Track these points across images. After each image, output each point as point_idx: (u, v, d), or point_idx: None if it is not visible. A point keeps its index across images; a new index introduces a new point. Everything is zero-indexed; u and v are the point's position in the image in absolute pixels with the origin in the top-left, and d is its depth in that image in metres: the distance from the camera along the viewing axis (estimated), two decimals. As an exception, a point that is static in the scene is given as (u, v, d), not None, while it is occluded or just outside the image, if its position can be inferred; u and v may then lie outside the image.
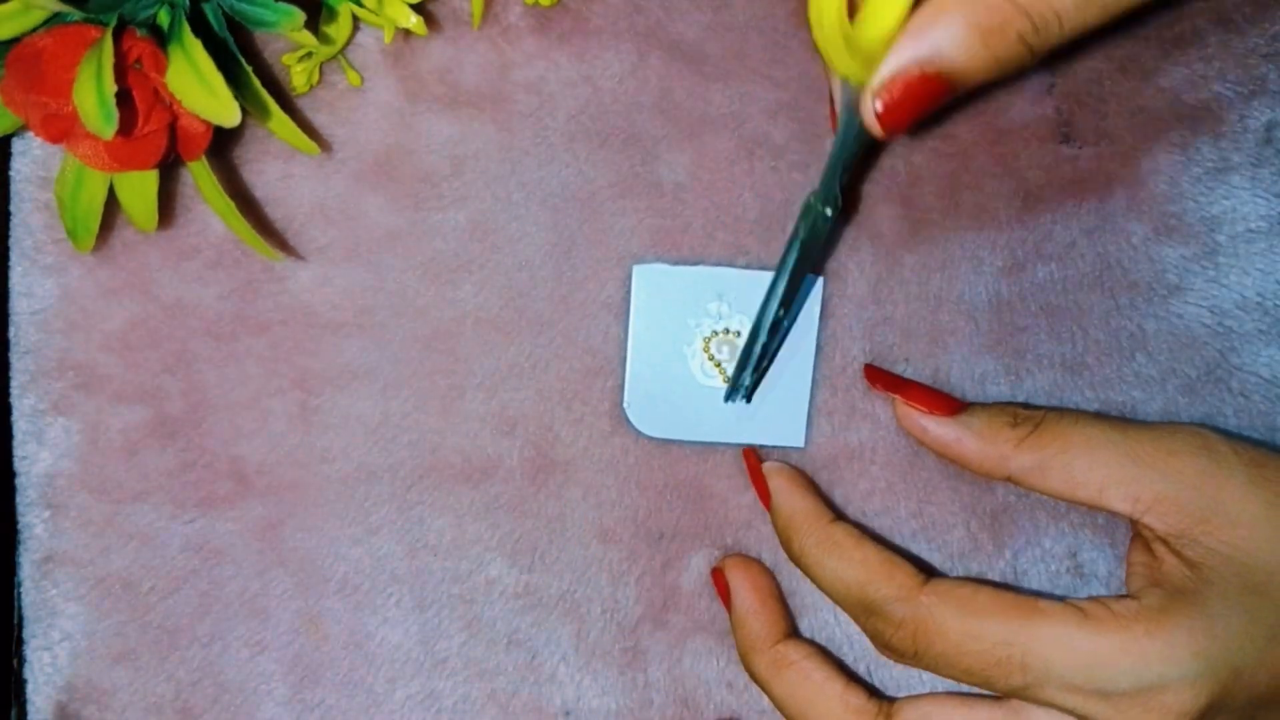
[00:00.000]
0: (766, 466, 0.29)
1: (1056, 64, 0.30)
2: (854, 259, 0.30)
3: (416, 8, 0.28)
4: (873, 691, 0.27)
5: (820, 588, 0.27)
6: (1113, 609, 0.25)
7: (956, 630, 0.25)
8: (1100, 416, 0.27)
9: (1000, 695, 0.25)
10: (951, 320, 0.30)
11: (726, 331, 0.29)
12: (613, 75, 0.30)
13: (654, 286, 0.29)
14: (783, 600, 0.29)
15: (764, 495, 0.29)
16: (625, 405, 0.30)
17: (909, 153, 0.30)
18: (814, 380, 0.30)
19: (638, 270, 0.29)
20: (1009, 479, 0.27)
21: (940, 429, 0.27)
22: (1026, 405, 0.28)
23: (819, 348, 0.30)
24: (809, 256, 0.27)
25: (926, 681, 0.30)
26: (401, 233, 0.30)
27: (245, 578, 0.30)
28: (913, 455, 0.30)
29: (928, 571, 0.27)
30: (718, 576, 0.29)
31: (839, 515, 0.28)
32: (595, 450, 0.30)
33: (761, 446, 0.30)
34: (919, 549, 0.30)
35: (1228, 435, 0.26)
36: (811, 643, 0.29)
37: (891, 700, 0.27)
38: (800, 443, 0.30)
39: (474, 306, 0.30)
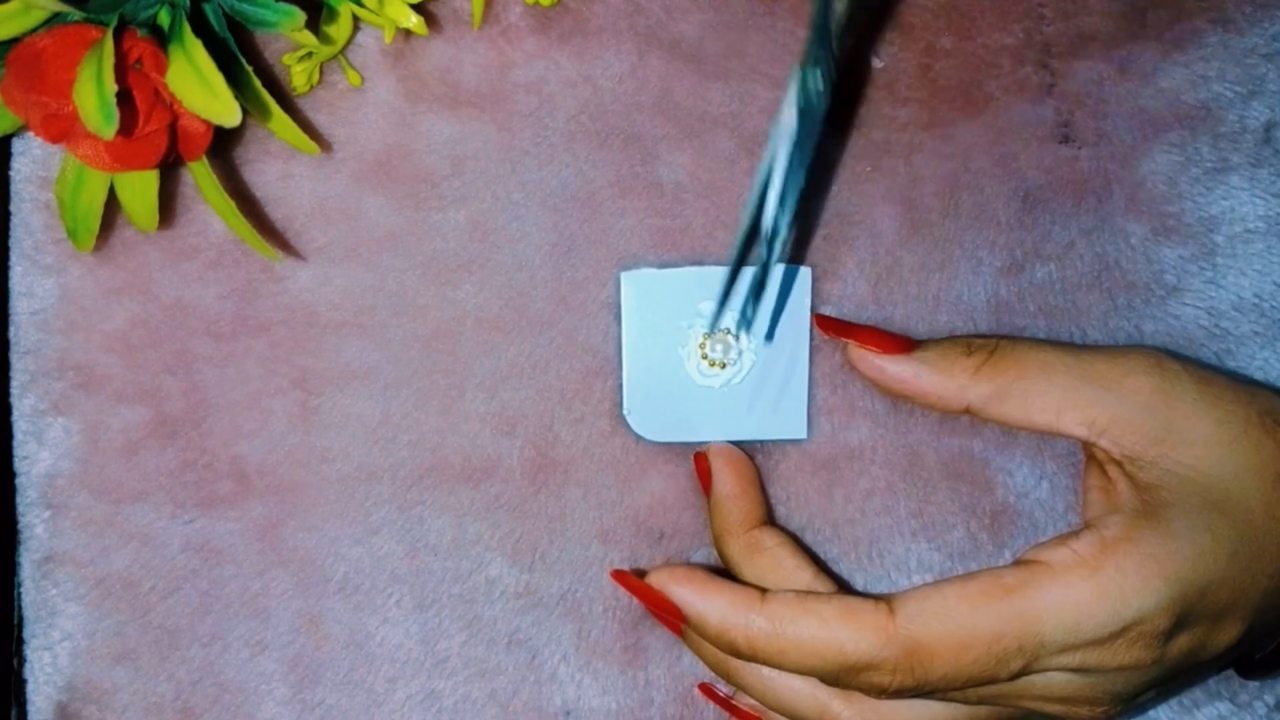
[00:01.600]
0: (653, 579, 0.27)
1: (1056, 64, 0.30)
2: (853, 258, 0.30)
3: (417, 8, 0.28)
4: (843, 586, 0.27)
5: (789, 670, 0.25)
6: (1077, 551, 0.24)
7: (950, 647, 0.24)
8: (1054, 342, 0.27)
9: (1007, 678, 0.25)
10: (950, 320, 0.30)
11: (721, 330, 0.29)
12: (613, 75, 0.30)
13: (644, 291, 0.29)
14: (762, 489, 0.29)
15: (668, 615, 0.27)
16: (625, 412, 0.30)
17: (909, 153, 0.30)
18: (811, 372, 0.30)
19: (625, 277, 0.29)
20: (968, 410, 0.27)
21: (896, 366, 0.27)
22: (980, 336, 0.28)
23: (814, 343, 0.30)
24: (805, 144, 0.24)
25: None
26: (401, 233, 0.30)
27: (245, 578, 0.30)
28: (913, 455, 0.30)
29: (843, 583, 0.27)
30: (700, 461, 0.29)
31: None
32: (595, 450, 0.30)
33: (765, 441, 0.30)
34: (919, 549, 0.30)
35: (1179, 355, 0.26)
36: (785, 531, 0.28)
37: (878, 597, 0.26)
38: (803, 434, 0.30)
39: (474, 306, 0.30)
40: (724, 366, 0.29)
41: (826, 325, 0.29)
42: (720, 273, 0.29)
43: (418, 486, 0.30)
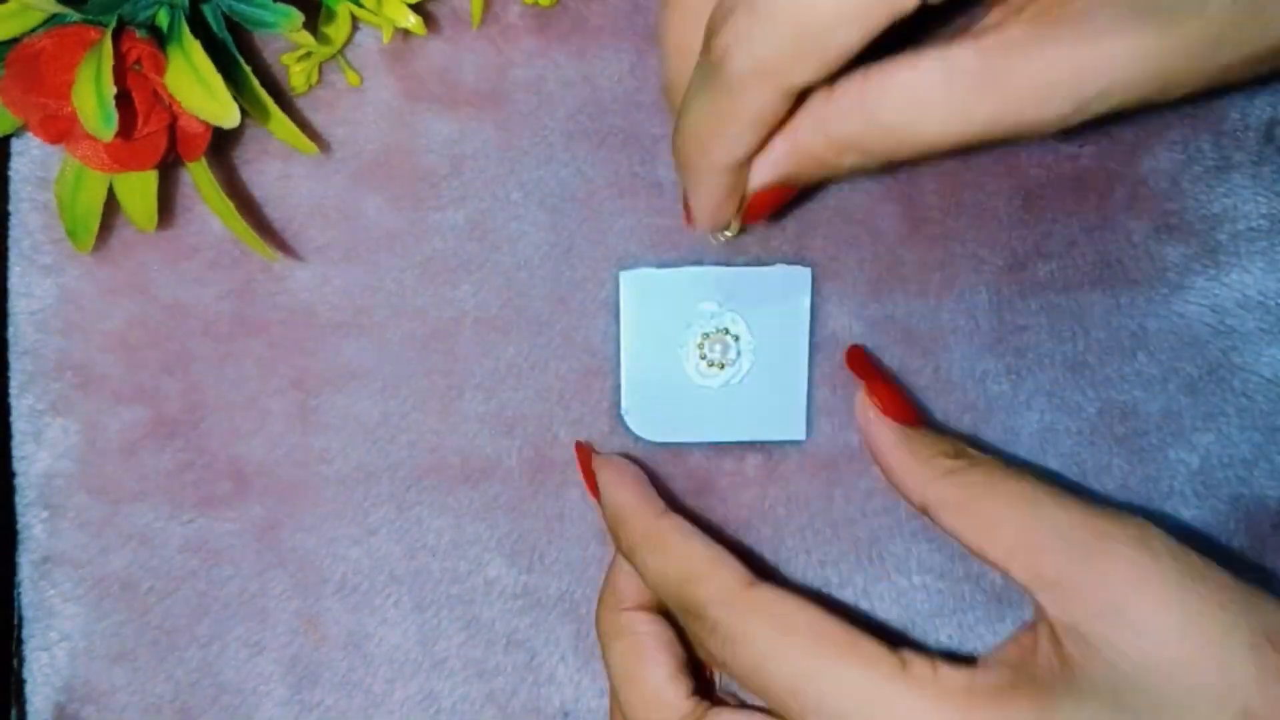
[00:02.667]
0: (596, 460, 0.28)
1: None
2: (854, 256, 0.30)
3: (415, 7, 0.28)
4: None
5: (647, 585, 0.26)
6: (939, 674, 0.22)
7: (762, 647, 0.23)
8: (1044, 480, 0.24)
9: None
10: (952, 319, 0.30)
11: (719, 331, 0.29)
12: (612, 75, 0.30)
13: (642, 291, 0.29)
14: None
15: (592, 488, 0.28)
16: (623, 412, 0.30)
17: (909, 151, 0.30)
18: (811, 372, 0.30)
19: (624, 276, 0.29)
20: (924, 507, 0.24)
21: (882, 429, 0.26)
22: (976, 445, 0.26)
23: (814, 342, 0.30)
24: None
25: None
26: (400, 232, 0.30)
27: (244, 578, 0.30)
28: (913, 455, 0.30)
29: (767, 574, 0.26)
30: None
31: (676, 508, 0.27)
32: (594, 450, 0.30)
33: (764, 442, 0.30)
34: (919, 549, 0.30)
35: (1172, 538, 0.22)
36: (666, 621, 0.26)
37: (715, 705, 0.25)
38: (801, 435, 0.30)
39: (473, 306, 0.30)
40: (722, 367, 0.29)
41: (854, 359, 0.28)
42: (720, 273, 0.29)
43: (416, 487, 0.30)
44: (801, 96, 0.22)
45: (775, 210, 0.25)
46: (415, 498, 0.30)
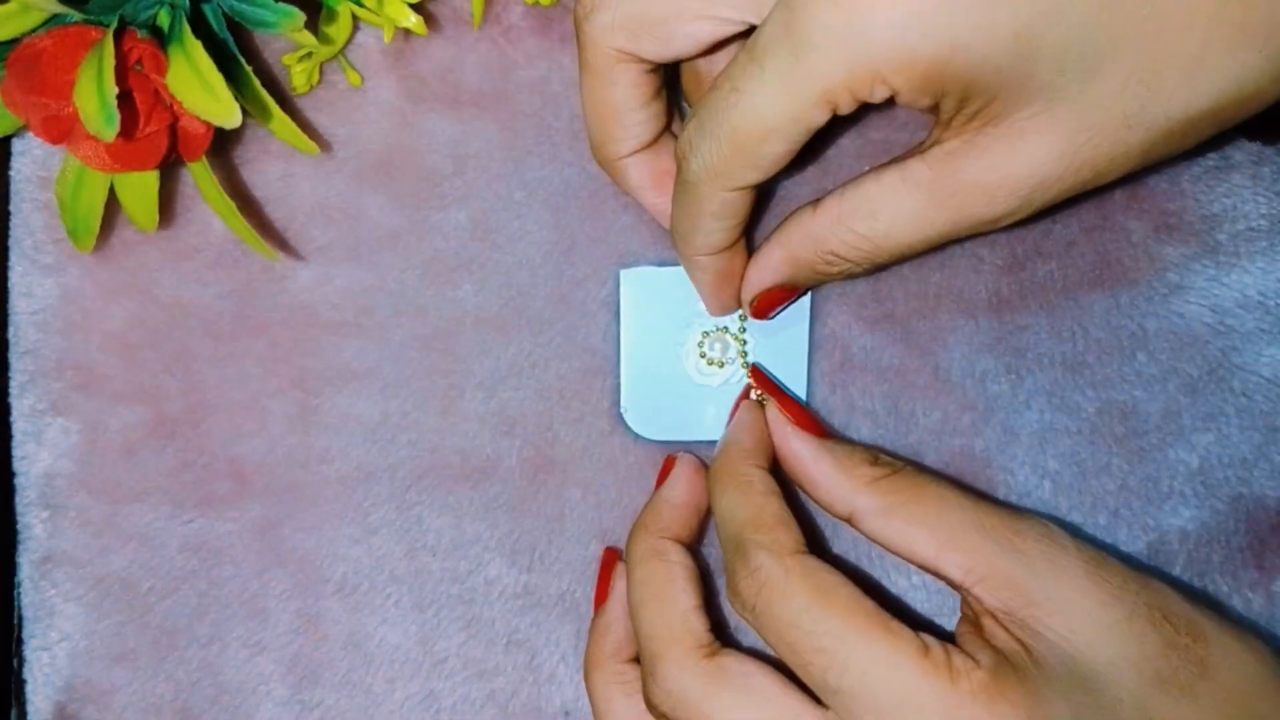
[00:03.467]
0: (753, 396, 0.29)
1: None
2: (854, 258, 0.30)
3: (416, 7, 0.28)
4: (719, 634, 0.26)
5: (716, 518, 0.27)
6: (953, 660, 0.23)
7: (799, 604, 0.24)
8: (958, 484, 0.26)
9: (808, 683, 0.24)
10: (951, 319, 0.30)
11: (719, 329, 0.29)
12: (612, 75, 0.30)
13: (643, 290, 0.29)
14: (703, 518, 0.28)
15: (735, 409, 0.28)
16: (622, 410, 0.30)
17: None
18: (810, 370, 0.30)
19: (624, 275, 0.29)
20: (849, 517, 0.26)
21: (802, 443, 0.27)
22: (889, 453, 0.27)
23: (814, 340, 0.30)
24: None
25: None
26: (401, 232, 0.30)
27: (244, 578, 0.30)
28: (913, 455, 0.30)
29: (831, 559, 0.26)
30: (667, 464, 0.29)
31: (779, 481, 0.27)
32: (594, 450, 0.30)
33: None
34: (920, 549, 0.30)
35: (1070, 531, 0.25)
36: (698, 559, 0.27)
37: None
38: None
39: (474, 306, 0.30)
40: (722, 365, 0.29)
41: (758, 378, 0.29)
42: None
43: (416, 486, 0.30)
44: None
45: (781, 308, 0.28)
46: (415, 497, 0.30)
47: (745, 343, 0.29)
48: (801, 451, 0.27)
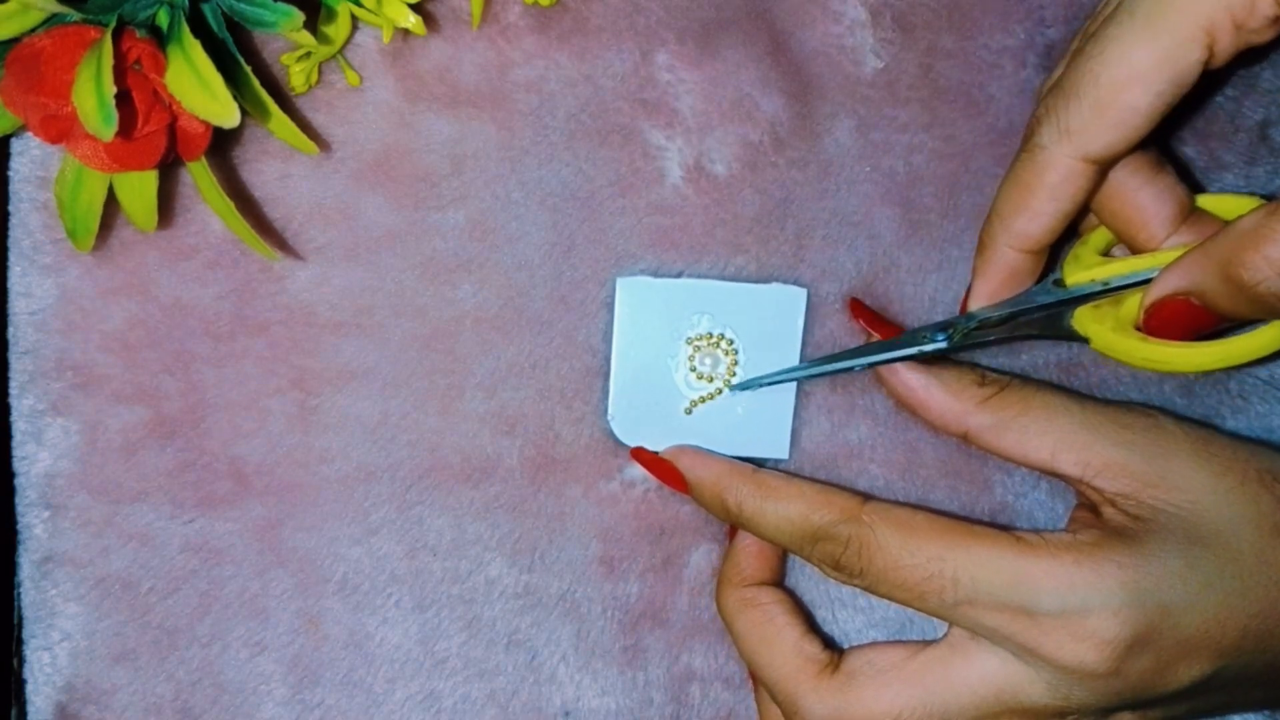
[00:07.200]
0: (665, 453, 0.29)
1: (1055, 63, 0.30)
2: (851, 259, 0.30)
3: (415, 7, 0.28)
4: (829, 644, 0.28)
5: (766, 536, 0.28)
6: (1046, 538, 0.25)
7: (895, 545, 0.26)
8: (1061, 388, 0.28)
9: (932, 614, 0.26)
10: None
11: (710, 342, 0.29)
12: (613, 74, 0.30)
13: (638, 299, 0.29)
14: (781, 554, 0.29)
15: (674, 481, 0.29)
16: (609, 418, 0.30)
17: (909, 153, 0.30)
18: (797, 392, 0.30)
19: (621, 282, 0.29)
20: (965, 435, 0.27)
21: (910, 374, 0.28)
22: (992, 371, 0.29)
23: (811, 342, 0.30)
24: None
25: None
26: (400, 232, 0.30)
27: (245, 578, 0.30)
28: (912, 454, 0.30)
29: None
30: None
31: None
32: (595, 449, 0.30)
33: (746, 459, 0.30)
34: (918, 548, 0.30)
35: (1178, 416, 0.27)
36: (786, 592, 0.29)
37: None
38: (784, 455, 0.30)
39: (473, 306, 0.30)
40: (711, 380, 0.29)
41: (856, 307, 0.30)
42: (716, 286, 0.29)
43: (417, 486, 0.30)
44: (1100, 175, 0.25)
45: (1181, 334, 0.26)
46: (416, 497, 0.30)
47: (737, 358, 0.29)
48: (913, 382, 0.28)
